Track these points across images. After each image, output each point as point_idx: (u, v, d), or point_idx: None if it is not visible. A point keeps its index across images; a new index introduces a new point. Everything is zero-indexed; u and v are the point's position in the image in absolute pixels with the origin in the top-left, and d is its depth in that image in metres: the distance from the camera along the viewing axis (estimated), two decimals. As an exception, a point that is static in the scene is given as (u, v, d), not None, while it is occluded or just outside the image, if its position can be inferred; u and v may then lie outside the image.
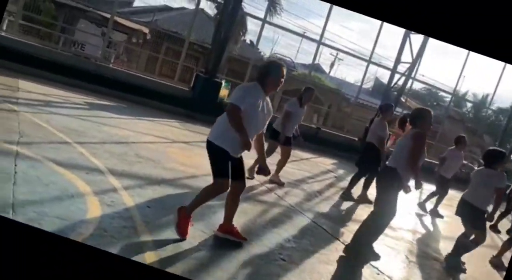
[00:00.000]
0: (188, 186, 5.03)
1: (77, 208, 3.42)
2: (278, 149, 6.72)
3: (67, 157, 4.64)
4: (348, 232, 5.06)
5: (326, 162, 11.07)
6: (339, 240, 4.70)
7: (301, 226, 4.84)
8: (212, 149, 3.48)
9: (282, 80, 3.58)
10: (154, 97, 11.31)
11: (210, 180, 3.59)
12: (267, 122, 3.63)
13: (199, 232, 3.71)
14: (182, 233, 3.45)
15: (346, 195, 7.03)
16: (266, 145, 4.36)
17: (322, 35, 14.48)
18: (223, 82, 12.46)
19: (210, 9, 20.54)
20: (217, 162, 3.50)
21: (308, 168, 9.26)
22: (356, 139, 14.16)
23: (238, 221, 4.13)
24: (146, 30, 18.15)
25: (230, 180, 3.52)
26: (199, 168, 5.88)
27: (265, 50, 31.88)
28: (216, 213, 4.31)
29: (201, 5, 24.82)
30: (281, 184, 6.63)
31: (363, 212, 6.40)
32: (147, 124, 8.43)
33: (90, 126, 6.60)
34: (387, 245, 5.02)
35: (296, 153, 10.62)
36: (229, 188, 3.65)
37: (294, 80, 18.80)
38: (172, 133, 8.42)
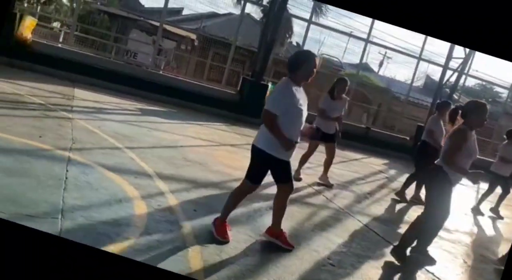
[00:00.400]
0: (234, 188, 4.95)
1: (125, 212, 3.41)
2: (323, 149, 6.51)
3: (117, 162, 4.69)
4: (399, 235, 4.80)
5: (377, 163, 10.70)
6: (392, 244, 4.46)
7: (351, 230, 4.63)
8: (255, 152, 3.38)
9: (314, 70, 3.38)
10: (202, 102, 11.41)
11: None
12: (303, 121, 3.45)
13: (245, 236, 3.61)
14: (223, 237, 3.37)
15: (399, 196, 6.74)
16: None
17: (369, 34, 14.09)
18: (270, 84, 12.38)
19: (256, 13, 20.59)
20: (256, 165, 3.42)
21: (358, 169, 8.98)
22: (408, 138, 13.77)
23: (285, 225, 3.98)
24: (194, 37, 18.39)
25: (258, 186, 3.48)
26: (245, 170, 5.79)
27: (312, 51, 31.56)
28: (263, 216, 4.21)
29: (248, 10, 24.91)
30: (329, 186, 6.43)
31: (416, 213, 6.10)
32: (196, 128, 8.47)
33: (140, 131, 6.69)
34: (443, 249, 4.72)
35: (345, 153, 10.37)
36: (278, 190, 3.54)
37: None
38: (220, 136, 8.41)
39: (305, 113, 3.41)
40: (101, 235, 2.94)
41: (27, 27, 10.24)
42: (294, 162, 6.63)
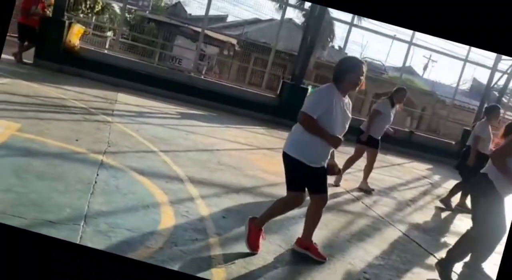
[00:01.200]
0: (267, 194, 4.71)
1: (151, 219, 3.23)
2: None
3: (150, 166, 4.55)
4: (446, 246, 4.39)
5: (420, 168, 10.14)
6: (435, 256, 4.06)
7: (390, 240, 4.27)
8: (287, 160, 3.11)
9: (362, 78, 3.08)
10: (242, 105, 11.24)
11: (283, 188, 3.24)
12: (346, 127, 3.18)
13: (275, 246, 3.35)
14: (253, 247, 3.11)
15: (443, 203, 6.27)
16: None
17: (412, 36, 13.46)
18: (309, 88, 12.05)
19: (298, 18, 20.28)
20: (290, 174, 3.14)
21: (400, 174, 8.50)
22: (453, 142, 13.02)
23: (319, 234, 3.71)
24: (234, 42, 18.34)
25: (304, 193, 3.15)
26: (280, 175, 5.52)
27: (355, 54, 30.91)
28: (297, 224, 3.93)
29: (290, 15, 24.76)
30: (369, 192, 6.06)
31: (462, 223, 5.63)
32: (234, 132, 8.29)
33: (177, 134, 6.56)
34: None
35: (387, 158, 9.90)
36: (310, 201, 3.27)
37: (384, 83, 17.89)
38: (257, 139, 8.18)
39: (347, 118, 3.13)
40: (122, 243, 2.76)
41: (75, 35, 10.42)
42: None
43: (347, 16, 17.16)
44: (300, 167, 3.05)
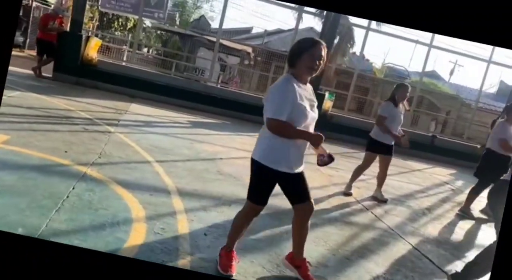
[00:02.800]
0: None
1: (116, 238, 2.79)
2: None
3: (138, 177, 4.13)
4: (463, 262, 3.76)
5: (442, 173, 9.38)
6: (447, 274, 3.45)
7: (397, 256, 3.68)
8: (255, 167, 2.61)
9: (319, 61, 2.48)
10: (258, 113, 10.76)
11: (285, 199, 2.75)
12: (316, 115, 2.62)
13: (256, 267, 2.84)
14: (225, 270, 2.62)
15: (463, 212, 5.60)
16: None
17: (432, 39, 12.68)
18: (327, 94, 11.48)
19: (318, 26, 19.76)
20: (253, 182, 2.65)
21: (420, 181, 7.80)
22: (478, 146, 12.12)
23: (314, 251, 3.21)
24: (250, 51, 17.99)
25: (263, 206, 2.68)
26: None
27: (377, 60, 30.03)
28: (289, 241, 3.41)
29: (311, 24, 24.29)
30: (383, 201, 5.46)
31: (484, 234, 4.96)
32: (245, 139, 7.81)
33: (181, 143, 6.15)
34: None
35: (407, 163, 9.22)
36: (294, 212, 2.76)
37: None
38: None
39: (314, 115, 2.58)
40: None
41: (93, 48, 10.25)
42: (346, 174, 5.75)
43: (365, 21, 16.50)
44: (267, 175, 2.55)
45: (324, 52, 2.51)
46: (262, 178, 2.60)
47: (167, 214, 3.39)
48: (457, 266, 3.70)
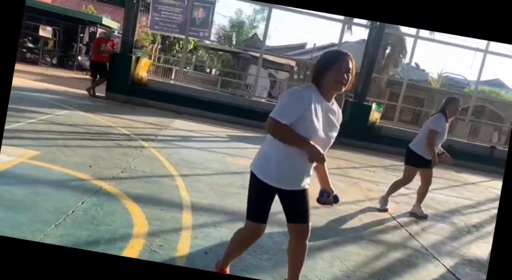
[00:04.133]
0: (282, 221, 3.87)
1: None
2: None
3: (154, 192, 3.99)
4: None
5: (499, 186, 8.44)
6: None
7: (426, 279, 3.22)
8: (251, 179, 2.34)
9: (348, 74, 2.18)
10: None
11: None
12: (331, 141, 2.32)
13: (251, 291, 2.55)
14: None
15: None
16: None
17: (487, 46, 11.72)
18: (374, 105, 10.93)
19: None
20: (250, 198, 2.34)
21: (472, 195, 7.06)
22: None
23: (327, 272, 2.87)
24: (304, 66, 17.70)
25: (264, 224, 2.33)
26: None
27: (433, 70, 28.49)
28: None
29: (362, 36, 23.59)
30: (423, 217, 4.94)
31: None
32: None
33: (213, 157, 5.99)
34: None
35: (460, 176, 8.45)
36: (289, 233, 2.45)
37: (466, 97, 16.03)
38: (306, 160, 7.31)
39: (325, 138, 2.24)
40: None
41: (142, 68, 10.52)
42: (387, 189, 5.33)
43: (413, 30, 15.71)
44: (264, 190, 2.26)
45: (351, 65, 2.20)
46: (257, 192, 2.32)
47: (171, 230, 3.20)
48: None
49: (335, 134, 2.31)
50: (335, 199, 2.41)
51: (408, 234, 4.24)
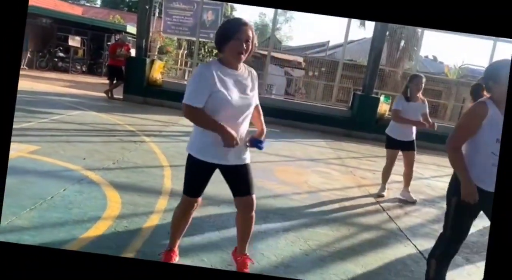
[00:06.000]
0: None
1: (69, 234, 2.73)
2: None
3: (138, 181, 4.10)
4: (476, 267, 3.14)
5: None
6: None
7: (391, 258, 3.16)
8: (186, 159, 2.40)
9: (248, 44, 2.16)
10: (314, 121, 10.44)
11: (288, 199, 2.50)
12: (251, 102, 2.29)
13: (207, 266, 2.59)
14: None
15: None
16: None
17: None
18: (382, 97, 10.73)
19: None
20: (186, 174, 2.40)
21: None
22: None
23: (286, 250, 2.91)
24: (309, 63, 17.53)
25: (196, 198, 2.42)
26: (293, 186, 4.70)
27: (453, 62, 27.56)
28: (264, 240, 3.11)
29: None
30: (411, 202, 4.85)
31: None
32: (284, 145, 7.52)
33: (210, 150, 6.06)
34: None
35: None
36: (236, 207, 2.51)
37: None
38: (305, 152, 7.28)
39: (240, 103, 2.24)
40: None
41: (156, 70, 10.75)
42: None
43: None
44: (194, 166, 2.33)
45: (251, 33, 2.21)
46: (191, 169, 2.38)
47: (142, 213, 3.29)
48: (468, 273, 3.08)
49: (252, 97, 2.29)
50: (256, 143, 2.38)
51: (388, 218, 4.17)
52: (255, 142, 2.39)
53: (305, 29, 42.05)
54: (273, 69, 18.41)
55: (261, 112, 2.51)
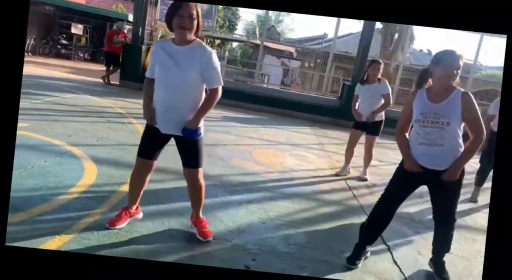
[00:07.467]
0: (227, 181, 4.08)
1: (43, 199, 2.92)
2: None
3: (118, 156, 4.28)
4: (424, 239, 3.32)
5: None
6: (387, 245, 3.04)
7: (342, 229, 3.34)
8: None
9: (191, 20, 2.33)
10: (305, 109, 10.62)
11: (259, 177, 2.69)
12: (187, 74, 2.41)
13: (158, 225, 2.78)
14: (109, 224, 2.66)
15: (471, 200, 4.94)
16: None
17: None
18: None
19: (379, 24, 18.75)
20: (141, 138, 2.72)
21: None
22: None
23: (245, 218, 3.13)
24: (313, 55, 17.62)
25: (145, 159, 2.68)
26: (265, 165, 4.88)
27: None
28: (225, 209, 3.30)
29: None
30: (363, 180, 5.10)
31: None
32: (269, 131, 7.68)
33: (195, 133, 6.23)
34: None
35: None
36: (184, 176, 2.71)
37: (479, 82, 15.65)
38: (288, 137, 7.44)
39: (181, 75, 2.39)
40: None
41: (152, 57, 10.88)
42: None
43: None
44: (151, 131, 2.63)
45: (194, 10, 2.37)
46: (144, 132, 2.68)
47: (115, 183, 3.48)
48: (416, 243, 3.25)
49: (189, 69, 2.40)
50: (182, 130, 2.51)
51: (352, 195, 4.35)
52: (182, 130, 2.50)
53: (306, 22, 41.82)
54: (270, 60, 18.54)
55: (211, 99, 2.52)
